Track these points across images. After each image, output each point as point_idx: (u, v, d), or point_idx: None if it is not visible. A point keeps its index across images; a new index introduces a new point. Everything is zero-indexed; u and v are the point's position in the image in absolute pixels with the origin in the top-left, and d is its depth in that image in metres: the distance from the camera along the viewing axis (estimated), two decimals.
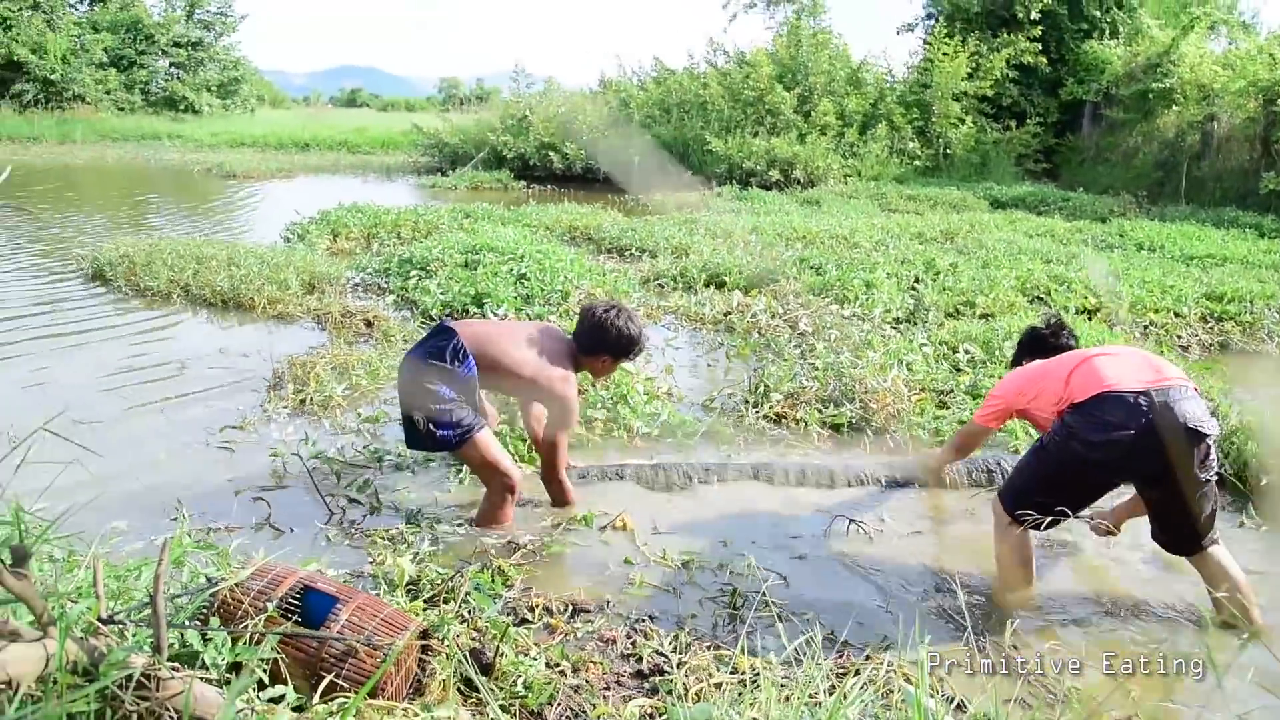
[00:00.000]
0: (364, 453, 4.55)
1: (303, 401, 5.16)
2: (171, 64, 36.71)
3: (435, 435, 3.62)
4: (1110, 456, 3.05)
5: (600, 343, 3.87)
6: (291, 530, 3.75)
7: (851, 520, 3.94)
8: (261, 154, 25.74)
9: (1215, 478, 3.15)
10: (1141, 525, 3.65)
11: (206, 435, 4.74)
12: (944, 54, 19.48)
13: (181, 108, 35.55)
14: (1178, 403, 3.01)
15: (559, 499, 4.02)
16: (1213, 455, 3.10)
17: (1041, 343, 3.83)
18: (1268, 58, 16.05)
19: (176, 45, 36.23)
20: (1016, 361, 3.98)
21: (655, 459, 4.57)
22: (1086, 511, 3.57)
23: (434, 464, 4.43)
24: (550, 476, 3.97)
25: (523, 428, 4.38)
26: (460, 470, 4.20)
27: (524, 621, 2.96)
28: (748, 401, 5.32)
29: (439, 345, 3.67)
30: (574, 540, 3.74)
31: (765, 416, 5.15)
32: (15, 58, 31.31)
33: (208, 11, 38.01)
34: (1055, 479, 3.20)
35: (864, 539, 3.88)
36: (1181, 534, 3.23)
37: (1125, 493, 3.67)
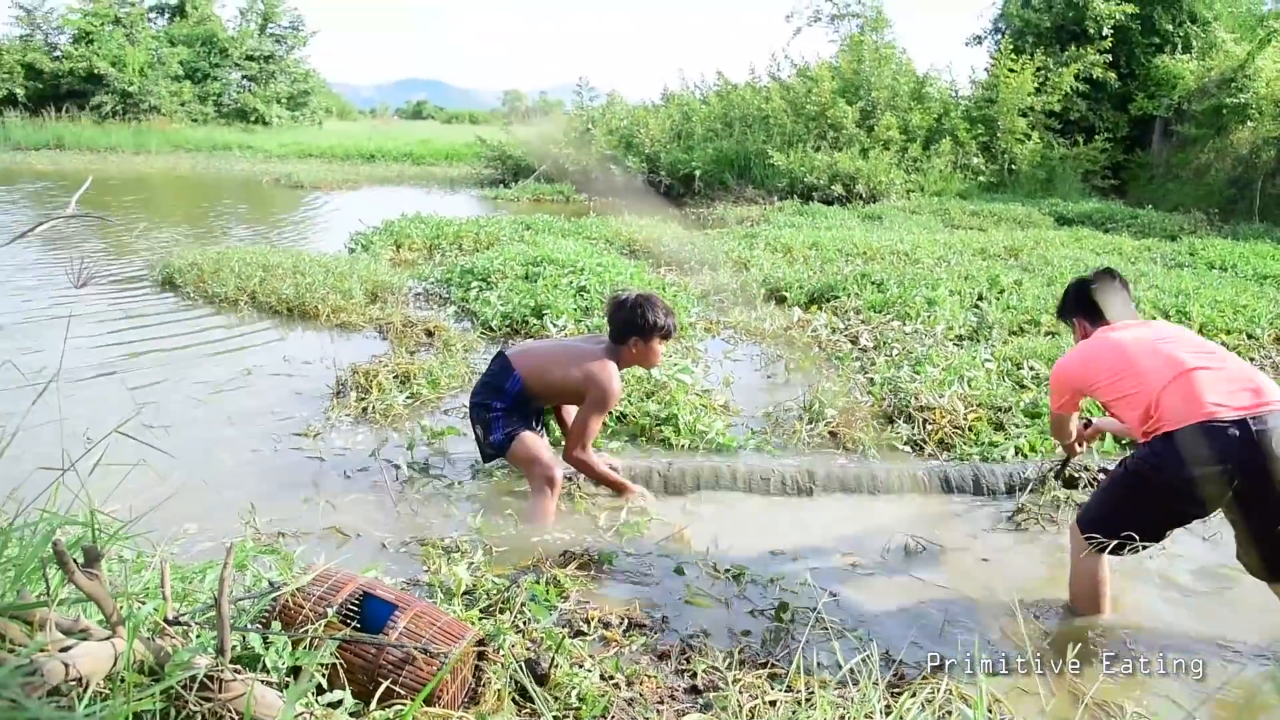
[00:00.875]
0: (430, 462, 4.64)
1: (365, 410, 5.23)
2: (244, 76, 37.66)
3: (491, 442, 4.09)
4: (1203, 492, 2.93)
5: (625, 326, 4.12)
6: (357, 536, 3.80)
7: (911, 537, 3.89)
8: (328, 165, 26.22)
9: None
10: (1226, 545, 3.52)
11: (274, 441, 4.83)
12: (1010, 69, 19.20)
13: (252, 119, 36.43)
14: (1276, 430, 2.87)
15: (594, 476, 4.21)
16: None
17: (1090, 297, 3.54)
18: None
19: (249, 59, 37.16)
20: (1063, 316, 3.75)
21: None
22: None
23: (495, 476, 4.47)
24: (573, 448, 4.11)
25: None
26: (478, 514, 4.03)
27: (579, 633, 2.96)
28: (801, 418, 5.28)
29: (492, 369, 4.19)
30: (630, 549, 3.75)
31: (819, 434, 5.10)
32: (95, 71, 32.39)
33: (280, 26, 38.93)
34: (1139, 508, 3.10)
35: (923, 557, 3.83)
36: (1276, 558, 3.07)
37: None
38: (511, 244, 10.15)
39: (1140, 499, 3.11)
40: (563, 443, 4.35)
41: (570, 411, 4.40)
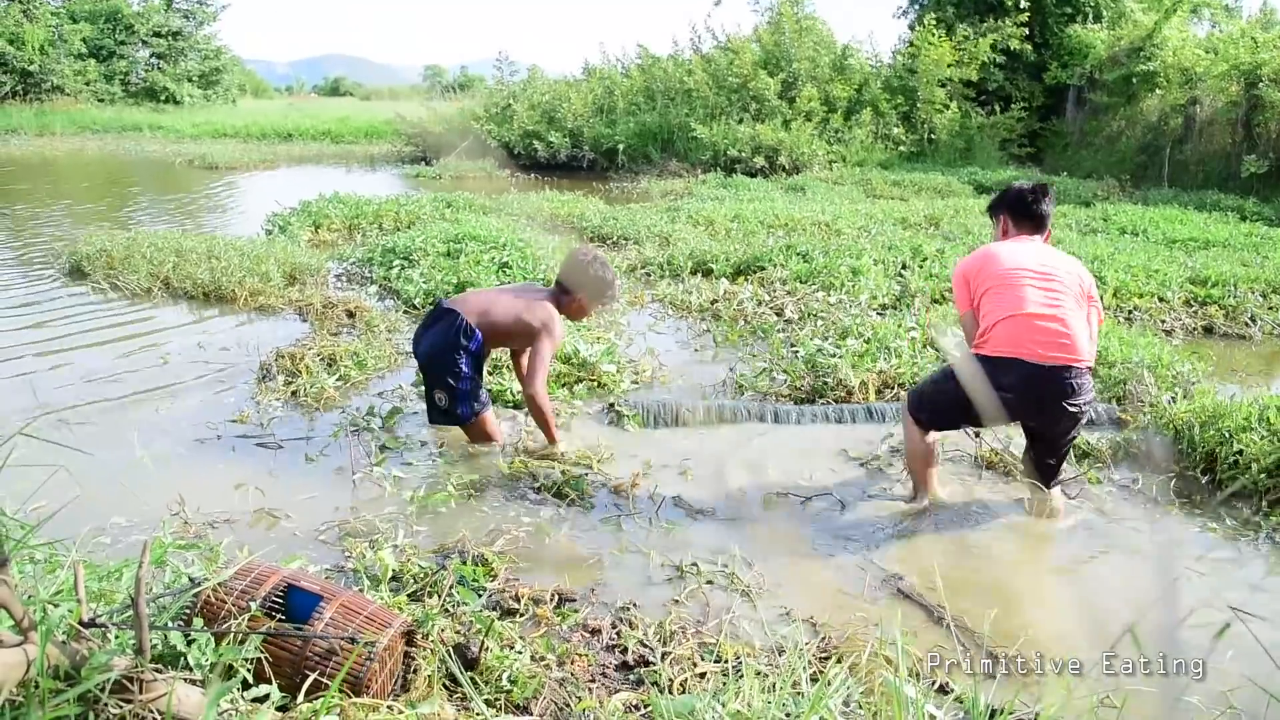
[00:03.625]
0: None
1: (294, 393, 5.15)
2: (152, 54, 36.51)
3: (456, 413, 4.31)
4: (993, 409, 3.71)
5: (579, 281, 4.42)
6: (288, 516, 3.75)
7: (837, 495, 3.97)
8: (244, 145, 25.59)
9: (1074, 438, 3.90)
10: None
11: (202, 428, 4.71)
12: (929, 41, 19.46)
13: (162, 98, 35.36)
14: (1069, 380, 3.65)
15: (542, 413, 4.33)
16: (1080, 422, 3.81)
17: (1022, 205, 4.10)
18: (1249, 41, 16.13)
19: (156, 35, 36.00)
20: (992, 213, 4.27)
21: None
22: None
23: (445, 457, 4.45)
24: (531, 385, 4.25)
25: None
26: (414, 497, 4.00)
27: (510, 613, 2.96)
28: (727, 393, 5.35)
29: (452, 326, 4.25)
30: (552, 516, 3.79)
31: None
32: None
33: (187, 1, 37.73)
34: (947, 401, 3.88)
35: (838, 514, 3.98)
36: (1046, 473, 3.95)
37: None
38: (433, 222, 10.04)
39: (949, 395, 3.84)
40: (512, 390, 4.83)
41: (525, 361, 4.62)
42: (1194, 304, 7.54)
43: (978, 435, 4.58)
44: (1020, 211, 4.09)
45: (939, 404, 3.93)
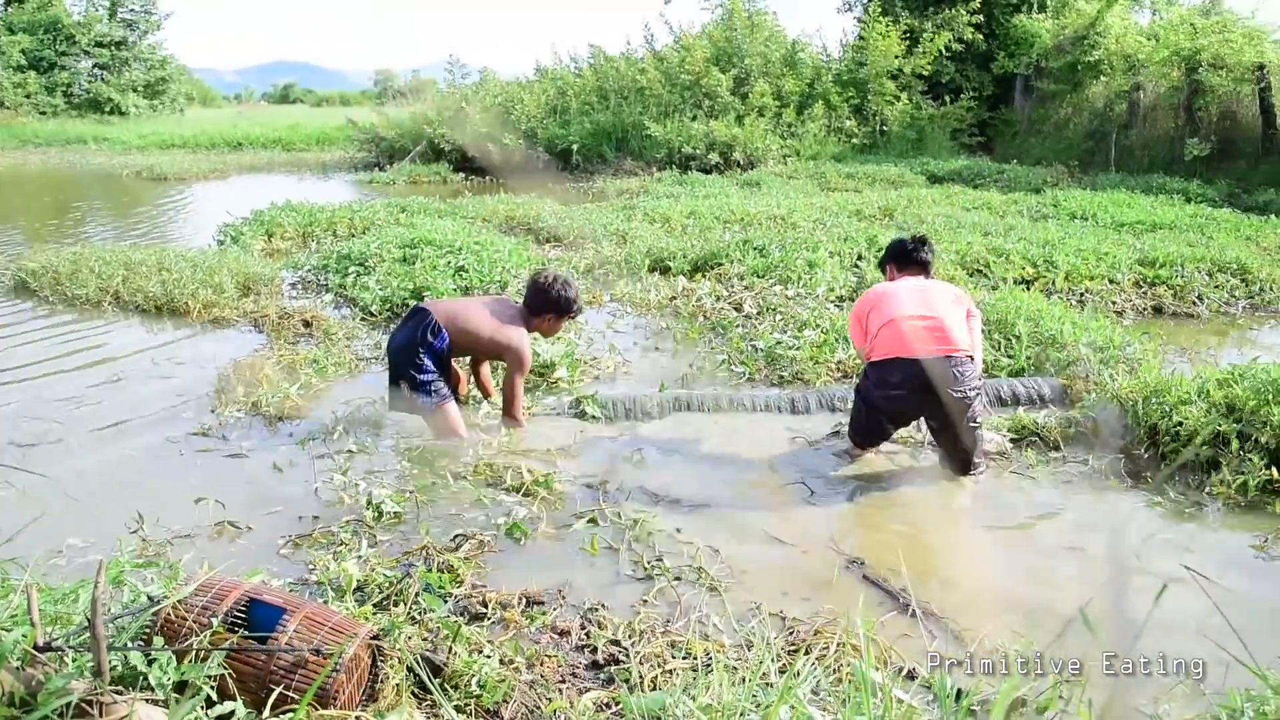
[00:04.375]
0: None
1: (255, 404, 5.09)
2: (95, 65, 35.80)
3: (417, 401, 4.54)
4: (894, 407, 4.21)
5: (545, 304, 4.72)
6: (249, 529, 3.70)
7: (805, 483, 3.99)
8: (193, 155, 25.17)
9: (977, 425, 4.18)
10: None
11: (159, 443, 4.64)
12: (879, 33, 19.62)
13: (107, 110, 34.73)
14: (949, 369, 4.02)
15: (513, 428, 4.77)
16: (975, 409, 4.12)
17: (904, 254, 4.62)
18: (1188, 28, 16.42)
19: (99, 45, 35.35)
20: (881, 266, 4.79)
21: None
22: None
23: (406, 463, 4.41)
24: (509, 412, 4.77)
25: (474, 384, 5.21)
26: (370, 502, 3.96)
27: (478, 617, 2.95)
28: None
29: (421, 324, 4.55)
30: (526, 516, 3.77)
31: None
32: None
33: (131, 10, 37.11)
34: (866, 416, 4.31)
35: (800, 501, 4.05)
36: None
37: None
38: (388, 228, 9.95)
39: (863, 410, 4.31)
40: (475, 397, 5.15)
41: (484, 370, 5.14)
42: (1143, 285, 7.68)
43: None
44: (903, 259, 4.62)
45: (859, 423, 4.38)
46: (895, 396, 4.15)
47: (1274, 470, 3.95)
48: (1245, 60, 14.87)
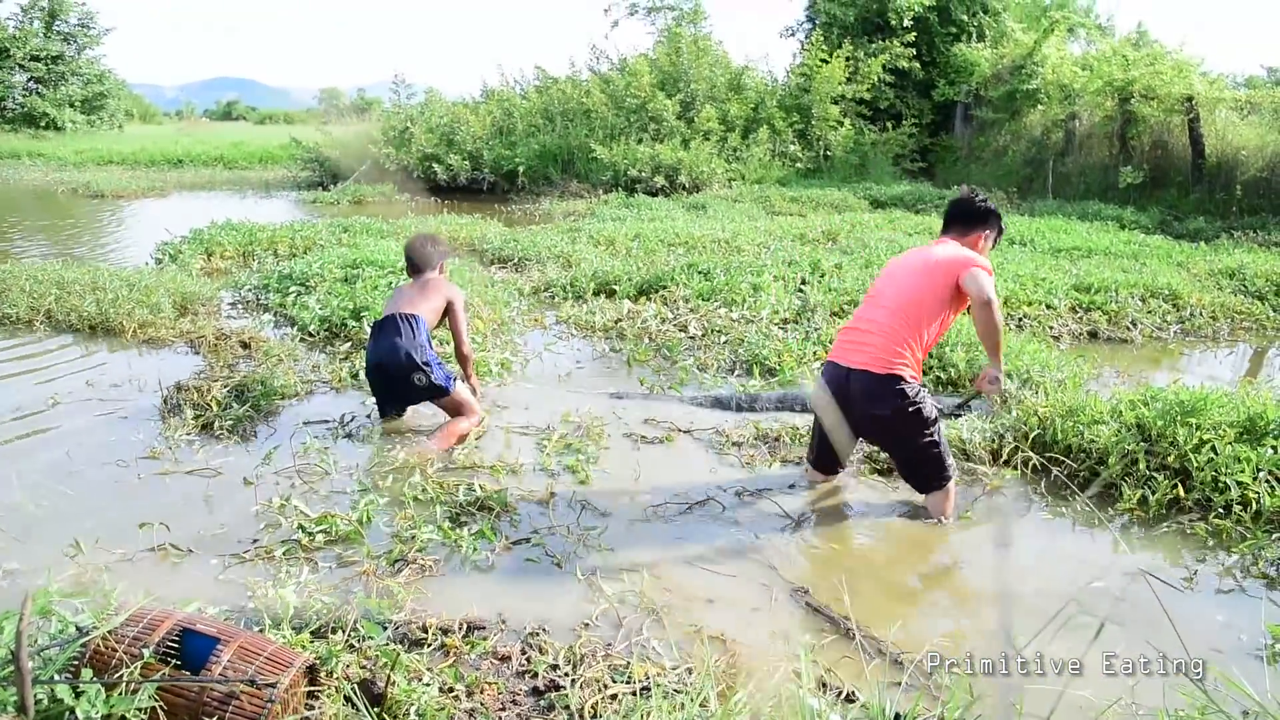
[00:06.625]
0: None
1: (204, 426, 5.01)
2: (30, 78, 35.04)
3: (438, 386, 4.92)
4: (832, 415, 4.03)
5: (438, 256, 5.38)
6: (190, 551, 3.63)
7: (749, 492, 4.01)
8: (131, 171, 24.68)
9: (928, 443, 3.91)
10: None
11: (102, 467, 4.53)
12: (821, 59, 19.94)
13: (42, 124, 34.02)
14: (859, 382, 3.89)
15: (469, 369, 5.35)
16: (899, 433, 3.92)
17: (944, 217, 4.40)
18: (1121, 59, 16.94)
19: (34, 59, 34.61)
20: (947, 228, 4.35)
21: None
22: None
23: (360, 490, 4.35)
24: (466, 351, 5.29)
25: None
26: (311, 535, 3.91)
27: (418, 644, 2.92)
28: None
29: (402, 324, 4.97)
30: (473, 534, 3.73)
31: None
32: None
33: (68, 23, 36.42)
34: (816, 432, 4.27)
35: (745, 519, 4.07)
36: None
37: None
38: (330, 248, 9.86)
39: (815, 427, 4.26)
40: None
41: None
42: (1079, 310, 7.87)
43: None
44: (974, 220, 4.34)
45: (813, 440, 4.32)
46: (827, 401, 3.98)
47: (1179, 488, 4.10)
48: (1175, 92, 15.36)
